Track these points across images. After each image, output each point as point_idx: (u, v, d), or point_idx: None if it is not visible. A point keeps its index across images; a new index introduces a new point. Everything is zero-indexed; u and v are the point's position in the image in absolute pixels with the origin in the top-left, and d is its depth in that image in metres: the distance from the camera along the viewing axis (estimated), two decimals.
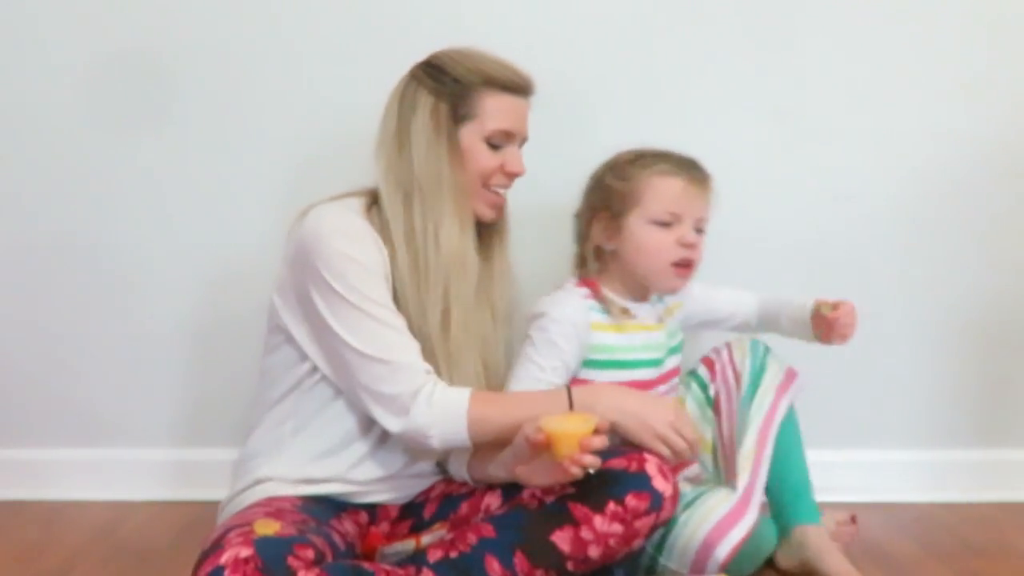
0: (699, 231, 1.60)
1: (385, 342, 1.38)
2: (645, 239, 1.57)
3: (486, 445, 1.42)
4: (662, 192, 1.57)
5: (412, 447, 1.45)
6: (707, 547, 1.45)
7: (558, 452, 1.27)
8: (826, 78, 2.00)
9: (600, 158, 1.65)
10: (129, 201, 1.99)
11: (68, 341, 2.02)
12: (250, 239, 1.96)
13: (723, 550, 1.45)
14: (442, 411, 1.37)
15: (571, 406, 1.38)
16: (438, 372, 1.42)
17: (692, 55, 1.99)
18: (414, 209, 1.43)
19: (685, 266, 1.59)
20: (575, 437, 1.27)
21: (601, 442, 1.28)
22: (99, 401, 2.04)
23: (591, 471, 1.29)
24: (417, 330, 1.42)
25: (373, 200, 1.49)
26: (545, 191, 1.94)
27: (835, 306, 1.66)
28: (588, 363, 1.59)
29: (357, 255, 1.39)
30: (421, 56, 1.54)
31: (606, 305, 1.61)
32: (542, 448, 1.29)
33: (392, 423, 1.39)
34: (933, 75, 2.00)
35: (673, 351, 1.71)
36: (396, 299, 1.43)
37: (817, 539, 1.61)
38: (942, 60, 2.00)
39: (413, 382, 1.38)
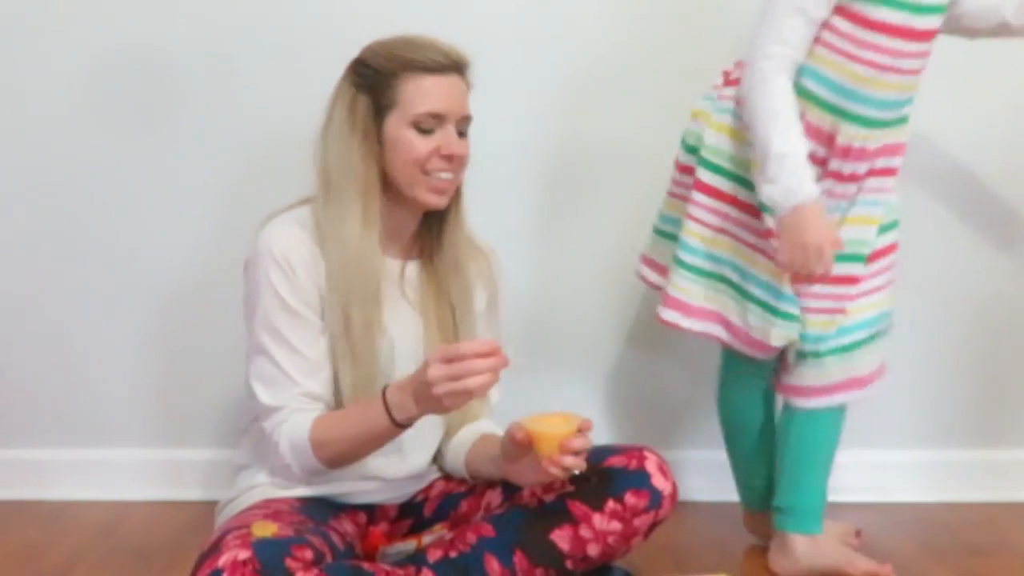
0: None
1: (266, 383, 1.38)
2: None
3: (343, 461, 1.39)
4: None
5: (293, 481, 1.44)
6: None
7: (539, 452, 1.26)
8: None
9: (600, 159, 1.64)
10: (127, 203, 2.00)
11: (68, 341, 2.03)
12: (249, 240, 1.95)
13: None
14: (290, 444, 1.36)
15: (387, 409, 1.31)
16: (337, 375, 1.40)
17: (692, 53, 1.99)
18: (327, 207, 1.41)
19: None
20: (556, 438, 1.25)
21: (583, 443, 1.26)
22: (99, 401, 2.04)
23: (576, 472, 1.28)
24: (329, 333, 1.41)
25: None
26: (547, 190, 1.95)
27: None
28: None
29: (283, 286, 1.38)
30: None
31: None
32: (525, 447, 1.29)
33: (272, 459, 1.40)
34: (934, 75, 1.99)
35: None
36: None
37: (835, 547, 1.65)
38: (943, 60, 1.99)
39: (274, 421, 1.38)
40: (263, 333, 1.39)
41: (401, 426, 1.32)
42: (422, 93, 1.40)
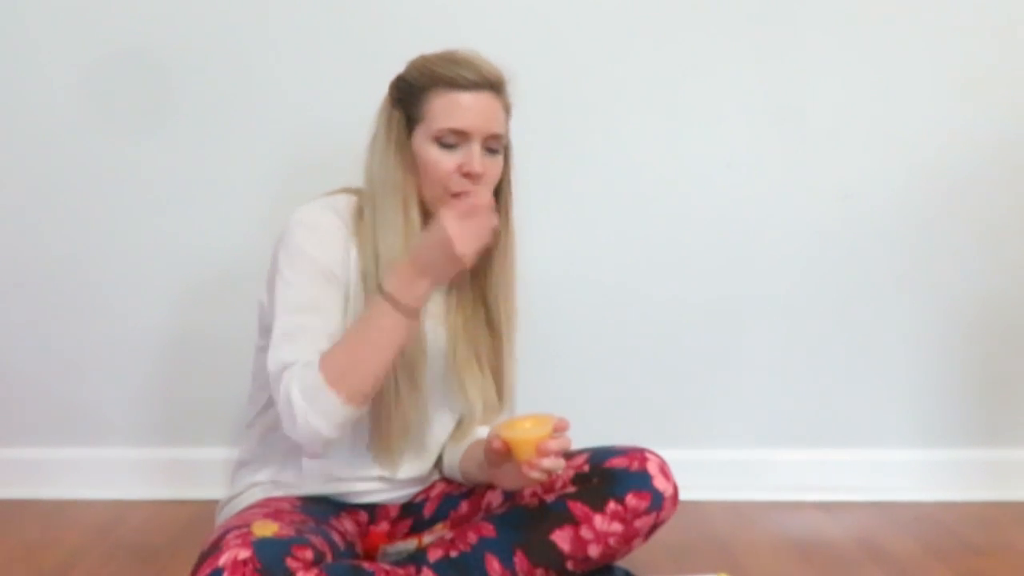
0: None
1: (289, 338, 1.33)
2: None
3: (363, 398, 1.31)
4: None
5: (317, 449, 1.36)
6: None
7: (518, 457, 1.27)
8: (828, 78, 2.00)
9: (604, 160, 1.64)
10: (126, 202, 1.99)
11: (68, 341, 2.03)
12: (248, 239, 1.96)
13: None
14: (301, 392, 1.28)
15: (394, 304, 1.27)
16: (396, 383, 1.39)
17: (693, 54, 1.99)
18: (375, 216, 1.41)
19: None
20: (532, 442, 1.25)
21: (559, 444, 1.26)
22: (99, 401, 2.04)
23: (557, 472, 1.28)
24: None
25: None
26: (548, 192, 1.95)
27: None
28: None
29: (311, 250, 1.37)
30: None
31: None
32: (504, 455, 1.29)
33: (288, 432, 1.33)
34: (934, 75, 2.00)
35: None
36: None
37: None
38: (943, 60, 2.00)
39: (284, 380, 1.31)
40: (290, 295, 1.36)
41: (414, 313, 1.29)
42: (447, 109, 1.39)
